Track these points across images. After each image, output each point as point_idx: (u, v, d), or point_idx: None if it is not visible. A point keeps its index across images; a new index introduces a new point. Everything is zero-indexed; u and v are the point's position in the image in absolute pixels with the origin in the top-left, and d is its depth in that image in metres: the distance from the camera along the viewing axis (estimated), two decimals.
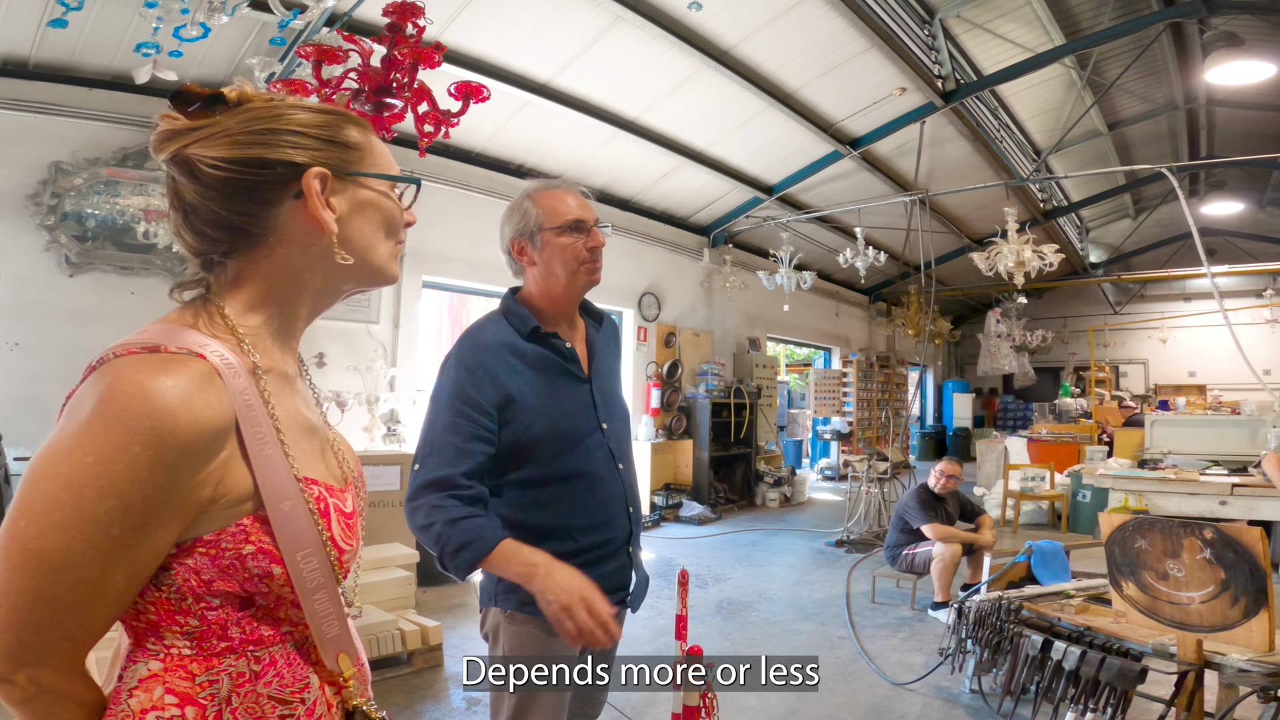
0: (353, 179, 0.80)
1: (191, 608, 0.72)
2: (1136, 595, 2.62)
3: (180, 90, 0.75)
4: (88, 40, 4.09)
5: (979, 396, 15.79)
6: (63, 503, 0.64)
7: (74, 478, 0.64)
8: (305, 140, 0.76)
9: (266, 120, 0.75)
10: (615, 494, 1.53)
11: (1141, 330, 14.51)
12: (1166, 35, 6.79)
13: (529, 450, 1.46)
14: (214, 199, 0.74)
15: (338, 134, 0.79)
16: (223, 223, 0.75)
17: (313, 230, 0.77)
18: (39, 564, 0.64)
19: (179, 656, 0.72)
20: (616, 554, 1.54)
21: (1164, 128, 9.00)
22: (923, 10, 6.36)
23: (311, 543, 0.76)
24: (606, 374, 1.63)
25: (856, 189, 8.47)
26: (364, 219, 0.81)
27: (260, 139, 0.74)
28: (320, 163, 0.77)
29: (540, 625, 1.42)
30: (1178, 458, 6.05)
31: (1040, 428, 9.49)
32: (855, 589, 5.13)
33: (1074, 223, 12.25)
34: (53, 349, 4.20)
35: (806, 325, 11.39)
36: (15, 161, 4.18)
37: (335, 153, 0.78)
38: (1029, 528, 7.04)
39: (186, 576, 0.71)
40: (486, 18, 4.74)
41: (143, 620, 0.72)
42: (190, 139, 0.74)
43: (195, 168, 0.73)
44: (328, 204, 0.77)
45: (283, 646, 0.77)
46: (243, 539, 0.72)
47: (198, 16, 1.95)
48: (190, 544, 0.70)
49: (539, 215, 1.54)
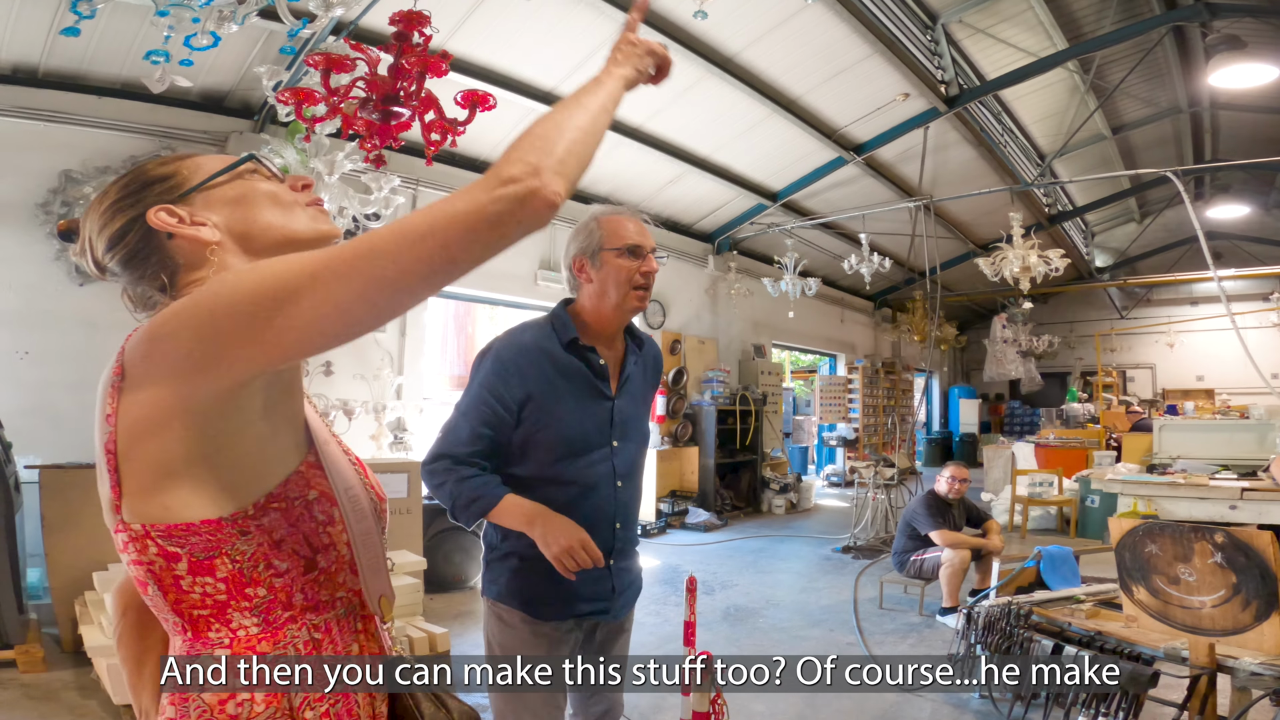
0: (190, 196, 0.84)
1: (261, 575, 0.75)
2: (1147, 600, 2.60)
3: (61, 230, 0.89)
4: (97, 48, 4.13)
5: (985, 402, 15.73)
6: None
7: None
8: (124, 201, 0.83)
9: (96, 213, 0.84)
10: (605, 509, 1.61)
11: (1148, 335, 14.45)
12: (1169, 39, 6.80)
13: (533, 449, 1.57)
14: (128, 273, 0.84)
15: (145, 176, 0.85)
16: (148, 279, 0.84)
17: (201, 248, 0.82)
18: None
19: (247, 637, 0.75)
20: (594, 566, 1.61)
21: (1168, 131, 8.99)
22: (925, 16, 6.39)
23: (355, 482, 0.83)
24: (635, 396, 1.70)
25: (861, 195, 8.48)
26: (244, 210, 0.85)
27: (103, 224, 0.83)
28: (148, 205, 0.82)
29: (521, 617, 1.57)
30: (1186, 462, 6.01)
31: (1048, 433, 9.44)
32: (863, 595, 5.11)
33: (1079, 227, 12.24)
34: (62, 358, 4.22)
35: (811, 332, 11.39)
36: (26, 170, 4.21)
37: (155, 191, 0.83)
38: (1037, 533, 7.00)
39: (261, 540, 0.75)
40: (491, 26, 4.79)
41: (208, 605, 0.74)
42: (89, 254, 0.85)
43: (105, 266, 0.85)
44: (195, 223, 0.82)
45: (335, 614, 0.81)
46: (304, 485, 0.78)
47: (208, 25, 1.98)
48: (264, 501, 0.75)
49: (602, 236, 1.62)
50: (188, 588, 0.73)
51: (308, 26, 2.19)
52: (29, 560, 3.72)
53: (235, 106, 4.89)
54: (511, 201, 0.69)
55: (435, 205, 0.69)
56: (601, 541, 1.58)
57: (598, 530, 1.57)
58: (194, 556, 0.72)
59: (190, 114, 4.69)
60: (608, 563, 1.61)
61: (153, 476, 0.71)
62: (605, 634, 1.71)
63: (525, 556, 1.55)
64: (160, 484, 0.71)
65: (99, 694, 3.01)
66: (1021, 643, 2.86)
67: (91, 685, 3.11)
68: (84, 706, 2.95)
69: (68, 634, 3.50)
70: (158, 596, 0.74)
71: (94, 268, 0.86)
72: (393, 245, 0.67)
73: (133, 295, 0.86)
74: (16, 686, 3.09)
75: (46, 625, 3.62)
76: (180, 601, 0.74)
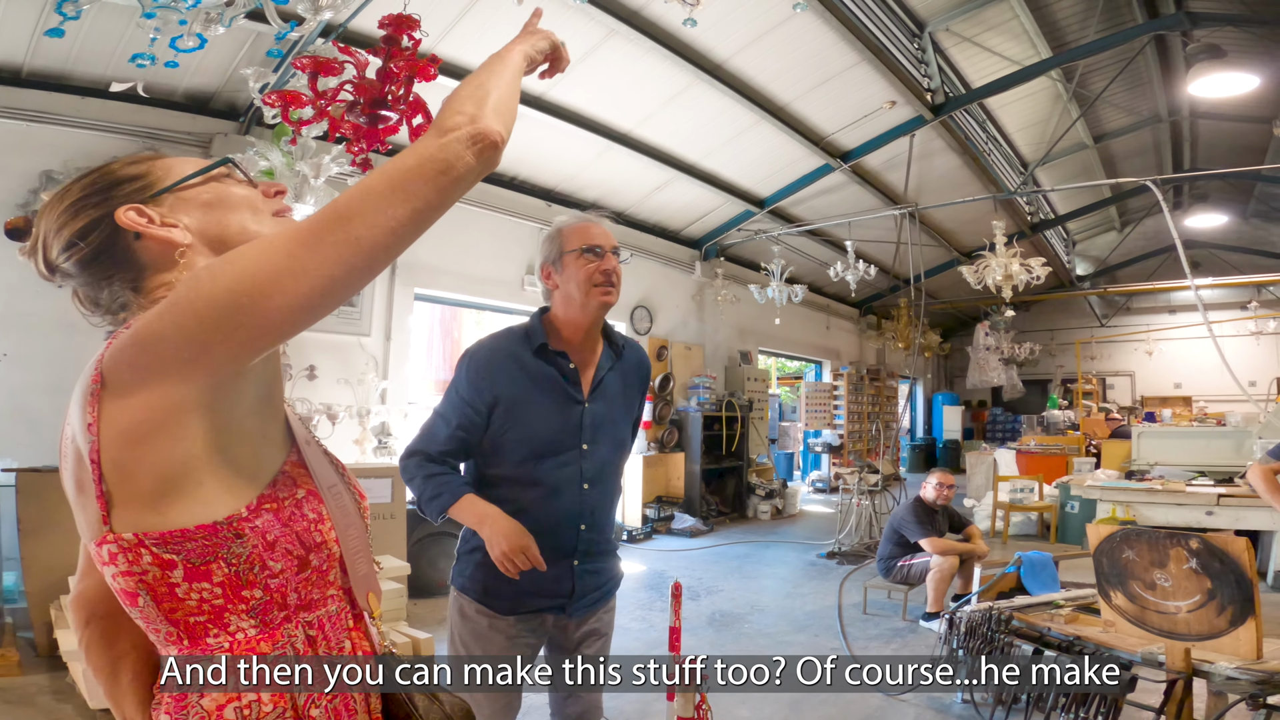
0: (170, 194, 0.83)
1: (257, 577, 0.75)
2: (1125, 605, 2.63)
3: (8, 228, 0.86)
4: (81, 49, 4.08)
5: (968, 409, 15.87)
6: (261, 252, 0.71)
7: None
8: (90, 199, 0.81)
9: (56, 209, 0.82)
10: (569, 511, 1.65)
11: (1128, 343, 14.65)
12: (1151, 48, 6.92)
13: (502, 450, 1.64)
14: (86, 274, 0.82)
15: (115, 175, 0.83)
16: (109, 281, 0.82)
17: (170, 250, 0.81)
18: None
19: (246, 640, 0.75)
20: (556, 563, 1.62)
21: (1149, 140, 9.14)
22: (912, 24, 6.46)
23: (336, 479, 0.84)
24: (611, 402, 1.73)
25: (847, 202, 8.55)
26: (217, 213, 0.84)
27: (64, 222, 0.81)
28: (116, 204, 0.81)
29: (478, 609, 1.64)
30: (1164, 469, 6.10)
31: (1029, 440, 9.55)
32: (847, 600, 5.14)
33: (1061, 235, 12.40)
34: (42, 360, 4.15)
35: (798, 338, 11.45)
36: (7, 170, 4.15)
37: (125, 188, 0.82)
38: (1018, 539, 7.07)
39: (255, 540, 0.75)
40: (480, 30, 4.78)
41: (204, 611, 0.74)
42: (40, 253, 0.83)
43: (59, 267, 0.82)
44: (166, 224, 0.81)
45: (327, 611, 0.82)
46: (292, 484, 0.79)
47: (194, 28, 1.97)
48: (256, 503, 0.76)
49: (562, 241, 1.69)
50: (183, 595, 0.73)
51: (296, 29, 2.18)
52: (4, 564, 3.68)
53: (221, 108, 4.85)
54: (460, 143, 0.73)
55: (388, 164, 0.72)
56: (564, 541, 1.64)
57: (560, 531, 1.63)
58: (190, 563, 0.72)
59: (175, 115, 4.65)
60: (571, 563, 1.66)
61: (148, 483, 0.71)
62: (578, 635, 1.73)
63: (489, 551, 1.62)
64: (156, 490, 0.71)
65: (74, 698, 2.99)
66: (1002, 647, 2.89)
67: (67, 690, 3.08)
68: (59, 711, 2.93)
69: (43, 638, 3.45)
70: (150, 607, 0.74)
71: (44, 268, 0.83)
72: (359, 206, 0.69)
73: (85, 298, 0.84)
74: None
75: (21, 629, 3.57)
76: (175, 610, 0.73)
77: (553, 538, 1.60)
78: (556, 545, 1.61)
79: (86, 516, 0.74)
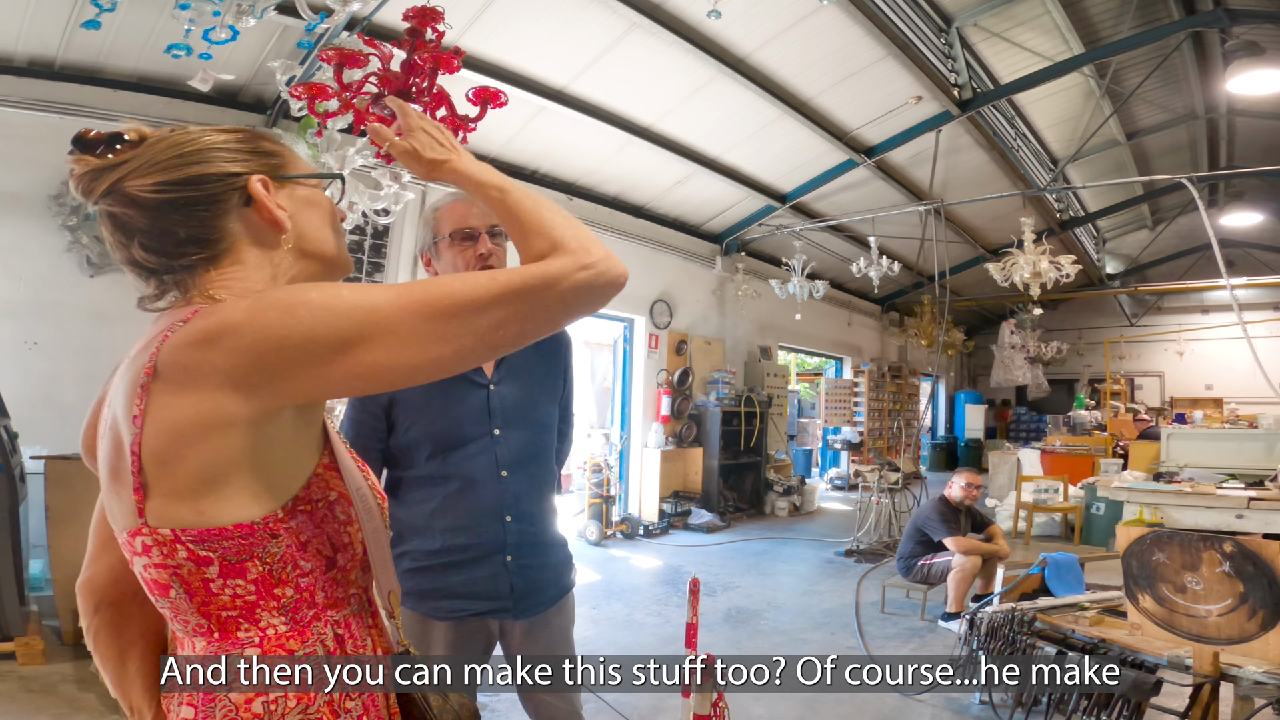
0: (286, 182, 0.84)
1: (289, 576, 0.76)
2: (1153, 608, 2.59)
3: (81, 135, 0.77)
4: (114, 42, 4.15)
5: (992, 408, 15.66)
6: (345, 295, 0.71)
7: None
8: (233, 153, 0.80)
9: (187, 144, 0.79)
10: (489, 502, 1.54)
11: (1158, 343, 14.35)
12: (1187, 44, 6.75)
13: (409, 451, 1.54)
14: (167, 219, 0.77)
15: (258, 145, 0.83)
16: (182, 239, 0.78)
17: (270, 232, 0.82)
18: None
19: (276, 635, 0.76)
20: (486, 560, 1.53)
21: (1183, 138, 8.93)
22: (939, 19, 6.36)
23: (362, 481, 0.84)
24: (522, 381, 1.62)
25: (870, 198, 8.45)
26: (311, 214, 0.86)
27: (191, 159, 0.78)
28: (254, 170, 0.81)
29: (416, 618, 1.52)
30: (1194, 471, 5.98)
31: (1054, 439, 9.40)
32: (865, 599, 5.10)
33: (1091, 233, 12.16)
34: (72, 349, 4.25)
35: (818, 334, 11.36)
36: (40, 162, 4.23)
37: (263, 160, 0.83)
38: (1041, 539, 6.97)
39: (289, 541, 0.75)
40: (503, 23, 4.79)
41: (237, 606, 0.74)
42: (120, 173, 0.76)
43: (137, 197, 0.76)
44: (280, 206, 0.82)
45: (351, 610, 0.83)
46: (325, 487, 0.79)
47: (226, 19, 1.99)
48: (291, 504, 0.76)
49: (435, 226, 1.59)
50: (217, 590, 0.73)
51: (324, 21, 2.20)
52: (32, 551, 3.72)
53: (249, 101, 4.91)
54: (599, 278, 0.77)
55: (518, 273, 0.74)
56: (490, 537, 1.53)
57: (484, 525, 1.53)
58: (225, 560, 0.72)
59: (205, 108, 4.72)
60: (503, 559, 1.54)
61: (190, 481, 0.70)
62: (530, 633, 1.61)
63: (417, 556, 1.53)
64: (197, 489, 0.70)
65: (97, 687, 3.00)
66: (1024, 649, 2.85)
67: (90, 678, 3.11)
68: (82, 699, 2.95)
69: (68, 626, 3.49)
70: (182, 600, 0.74)
71: (96, 189, 0.76)
72: (471, 307, 0.71)
73: (139, 258, 0.78)
74: (15, 679, 3.10)
75: (47, 617, 3.61)
76: (208, 604, 0.74)
77: (477, 534, 1.52)
78: (483, 541, 1.52)
79: (120, 505, 0.74)
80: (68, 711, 2.84)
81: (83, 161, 0.77)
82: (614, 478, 6.91)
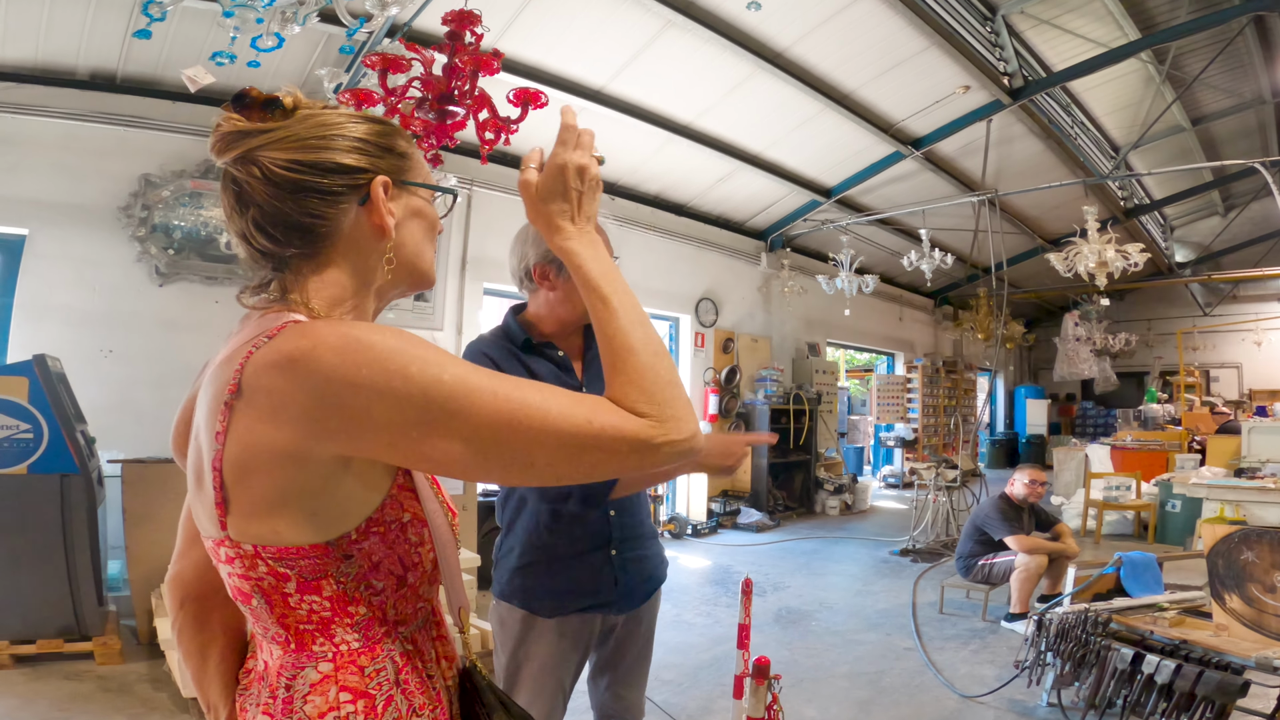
0: (404, 187, 0.82)
1: (363, 595, 0.75)
2: (1241, 608, 2.43)
3: (242, 93, 0.77)
4: (170, 54, 4.30)
5: (1055, 402, 15.06)
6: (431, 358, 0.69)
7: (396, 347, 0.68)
8: (367, 147, 0.79)
9: (330, 127, 0.78)
10: (592, 493, 1.54)
11: (1234, 332, 13.58)
12: (1251, 29, 6.39)
13: None
14: (286, 200, 0.76)
15: (393, 143, 0.82)
16: (293, 224, 0.77)
17: (374, 234, 0.80)
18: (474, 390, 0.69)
19: (349, 652, 0.76)
20: (593, 553, 1.56)
21: (1252, 122, 8.44)
22: (984, 7, 6.16)
23: (433, 501, 0.82)
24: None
25: (920, 190, 8.24)
26: (415, 225, 0.84)
27: (327, 144, 0.77)
28: (381, 170, 0.80)
29: (522, 616, 1.54)
30: (1277, 466, 5.62)
31: (1125, 435, 8.98)
32: (922, 599, 4.94)
33: (1157, 221, 11.59)
34: (144, 356, 4.44)
35: (868, 330, 11.12)
36: (109, 174, 4.42)
37: (392, 161, 0.81)
38: (1111, 538, 6.65)
39: (362, 562, 0.75)
40: (540, 25, 4.83)
41: (313, 620, 0.74)
42: (259, 141, 0.76)
43: (267, 169, 0.75)
44: (390, 211, 0.80)
45: (418, 624, 0.82)
46: (399, 508, 0.77)
47: (272, 26, 2.05)
48: (365, 526, 0.74)
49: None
50: (295, 604, 0.74)
51: (364, 27, 2.25)
52: (110, 553, 3.84)
53: None
54: (677, 456, 0.73)
55: (604, 413, 0.70)
56: (597, 530, 1.56)
57: (590, 519, 1.55)
58: (302, 577, 0.73)
59: None
60: (609, 553, 1.58)
61: (264, 504, 0.70)
62: (622, 632, 1.65)
63: (525, 552, 1.55)
64: (272, 510, 0.70)
65: (170, 687, 3.09)
66: (1098, 650, 2.71)
67: (163, 678, 3.19)
68: (155, 699, 3.01)
69: (144, 626, 3.59)
70: (263, 609, 0.75)
71: (233, 151, 0.76)
72: (555, 440, 0.68)
73: (250, 233, 0.77)
74: (93, 678, 3.18)
75: (125, 617, 3.72)
76: (287, 616, 0.75)
77: (584, 525, 1.55)
78: (590, 534, 1.56)
79: (205, 513, 0.75)
80: (142, 711, 2.91)
81: (232, 120, 0.76)
82: None
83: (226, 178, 0.78)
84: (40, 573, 3.36)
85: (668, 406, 0.72)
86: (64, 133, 4.31)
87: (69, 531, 3.40)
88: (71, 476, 3.42)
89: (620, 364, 0.74)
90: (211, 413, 0.70)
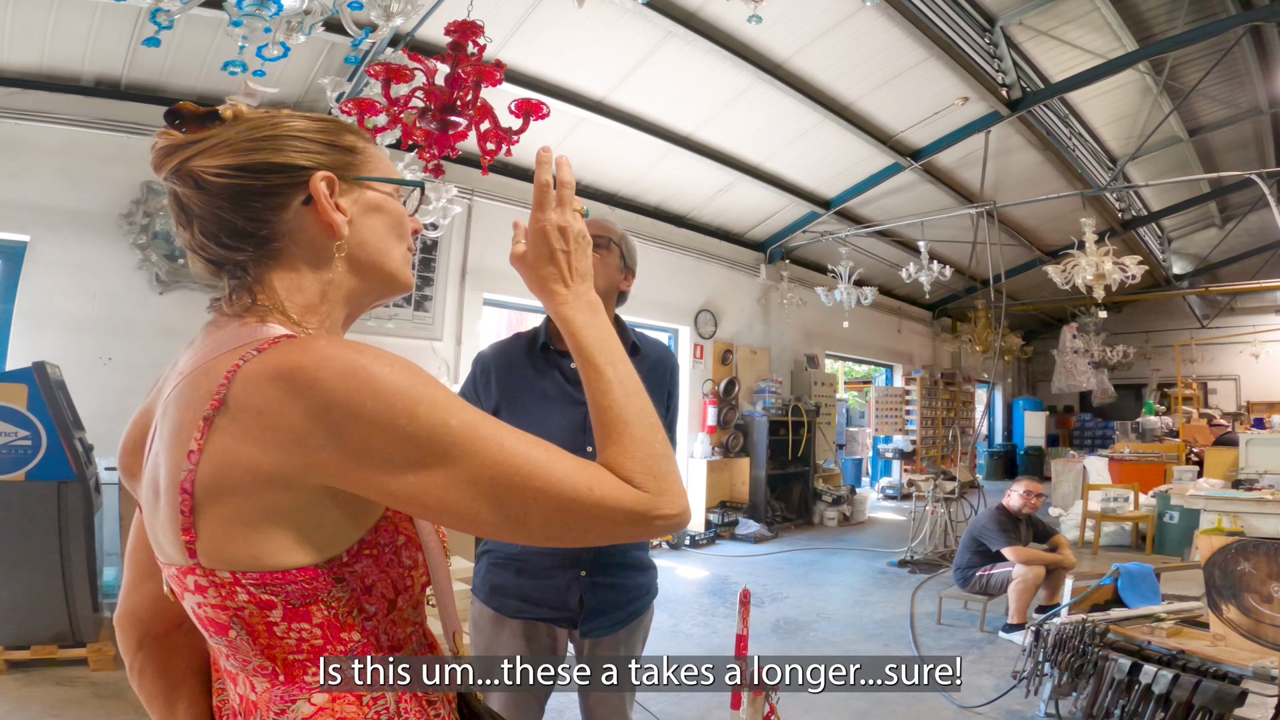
0: (358, 183, 0.78)
1: (355, 621, 0.71)
2: (1238, 618, 2.43)
3: (175, 108, 0.75)
4: (174, 61, 4.33)
5: (1053, 414, 15.07)
6: (437, 398, 0.67)
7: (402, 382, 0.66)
8: (307, 144, 0.75)
9: (266, 129, 0.75)
10: None
11: (1232, 345, 13.62)
12: (1247, 39, 6.46)
13: None
14: (222, 207, 0.73)
15: (338, 139, 0.78)
16: (238, 230, 0.73)
17: (326, 235, 0.75)
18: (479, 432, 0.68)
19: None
20: (561, 571, 1.57)
21: (1249, 133, 8.51)
22: (982, 19, 6.22)
23: (428, 524, 0.78)
24: None
25: (919, 202, 8.28)
26: (375, 222, 0.79)
27: (262, 145, 0.74)
28: (324, 166, 0.75)
29: (492, 616, 1.59)
30: (1275, 478, 5.63)
31: (1123, 446, 8.98)
32: (920, 610, 4.93)
33: (1155, 233, 11.65)
34: (143, 364, 4.42)
35: (867, 342, 11.14)
36: (111, 181, 4.43)
37: (337, 156, 0.77)
38: (1109, 549, 6.64)
39: (354, 585, 0.70)
40: (541, 36, 4.88)
41: (304, 650, 0.69)
42: (190, 151, 0.73)
43: (199, 178, 0.72)
44: (337, 207, 0.76)
45: (411, 649, 0.78)
46: (393, 531, 0.73)
47: (278, 36, 2.08)
48: (357, 548, 0.70)
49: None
50: (282, 634, 0.69)
51: (369, 36, 2.28)
52: (106, 560, 3.82)
53: None
54: (665, 529, 0.72)
55: (605, 482, 0.68)
56: (569, 551, 1.56)
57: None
58: (290, 603, 0.67)
59: None
60: (577, 574, 1.57)
61: (242, 527, 0.65)
62: (590, 659, 1.62)
63: (498, 555, 1.61)
64: (251, 535, 0.65)
65: None
66: (1096, 661, 2.71)
67: None
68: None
69: None
70: (244, 640, 0.69)
71: (166, 165, 0.74)
72: (553, 500, 0.66)
73: (199, 246, 0.75)
74: (86, 684, 3.17)
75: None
76: (273, 647, 0.69)
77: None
78: (560, 552, 1.55)
79: (166, 540, 0.68)
80: (135, 718, 2.88)
81: (166, 135, 0.74)
82: None
83: (170, 193, 0.75)
84: (35, 579, 3.35)
85: (663, 480, 0.71)
86: (67, 139, 4.33)
87: (65, 538, 3.39)
88: (69, 484, 3.41)
89: (615, 435, 0.73)
90: (182, 428, 0.65)
